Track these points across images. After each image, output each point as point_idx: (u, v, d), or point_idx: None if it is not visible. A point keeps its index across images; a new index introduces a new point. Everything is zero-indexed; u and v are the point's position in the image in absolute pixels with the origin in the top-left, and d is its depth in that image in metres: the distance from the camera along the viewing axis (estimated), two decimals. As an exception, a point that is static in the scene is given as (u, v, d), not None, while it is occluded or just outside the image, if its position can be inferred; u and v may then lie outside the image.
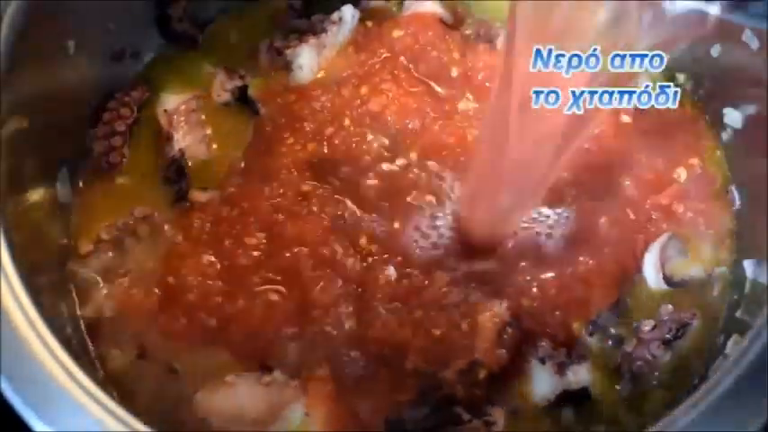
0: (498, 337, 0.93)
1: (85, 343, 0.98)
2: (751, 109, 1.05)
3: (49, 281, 0.97)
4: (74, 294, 1.01)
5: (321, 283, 0.98)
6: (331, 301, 0.97)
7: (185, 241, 1.03)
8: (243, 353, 0.96)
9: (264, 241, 1.02)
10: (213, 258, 1.01)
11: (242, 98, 1.13)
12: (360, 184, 1.06)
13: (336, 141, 1.08)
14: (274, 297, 0.99)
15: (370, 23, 1.18)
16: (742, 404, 0.77)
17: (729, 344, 0.95)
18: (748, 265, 1.00)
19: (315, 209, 1.03)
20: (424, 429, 0.90)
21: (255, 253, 1.01)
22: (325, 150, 1.08)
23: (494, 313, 0.94)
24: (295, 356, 0.96)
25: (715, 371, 0.84)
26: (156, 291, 1.00)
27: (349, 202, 1.04)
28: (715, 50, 1.09)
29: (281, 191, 1.04)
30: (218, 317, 0.98)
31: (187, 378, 0.96)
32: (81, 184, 1.09)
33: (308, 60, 1.15)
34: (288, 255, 1.00)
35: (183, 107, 1.13)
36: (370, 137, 1.09)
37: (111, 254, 1.03)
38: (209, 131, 1.12)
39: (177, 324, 0.98)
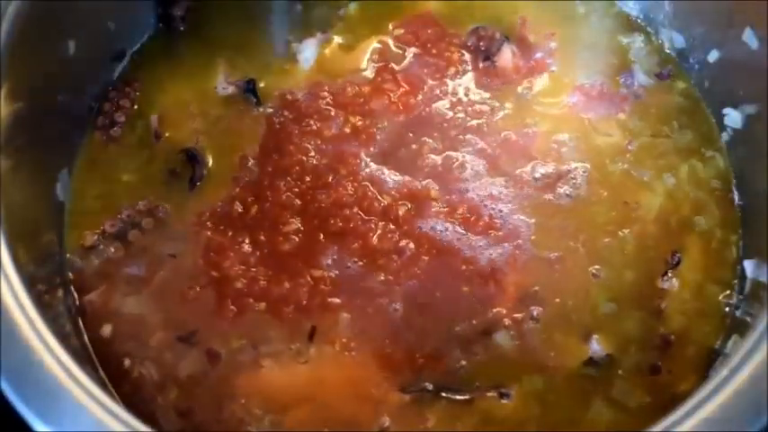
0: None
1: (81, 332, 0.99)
2: (751, 109, 1.05)
3: (49, 279, 0.97)
4: (73, 289, 1.01)
5: (379, 231, 1.03)
6: (392, 245, 1.02)
7: (218, 235, 1.04)
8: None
9: (301, 226, 1.04)
10: (251, 248, 1.03)
11: (249, 91, 1.13)
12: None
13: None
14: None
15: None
16: (742, 404, 0.77)
17: (729, 344, 0.95)
18: (748, 265, 1.00)
19: (344, 172, 1.07)
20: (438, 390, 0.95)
21: (295, 237, 1.03)
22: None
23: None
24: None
25: (715, 371, 0.84)
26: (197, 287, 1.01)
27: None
28: (714, 53, 1.10)
29: (298, 181, 1.07)
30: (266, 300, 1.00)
31: (228, 361, 0.97)
32: (82, 178, 1.09)
33: (311, 54, 1.16)
34: (338, 220, 1.04)
35: (186, 99, 1.14)
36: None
37: (113, 248, 1.04)
38: (212, 124, 1.12)
39: (229, 312, 0.99)
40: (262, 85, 1.14)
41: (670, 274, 1.01)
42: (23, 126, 0.94)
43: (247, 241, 1.03)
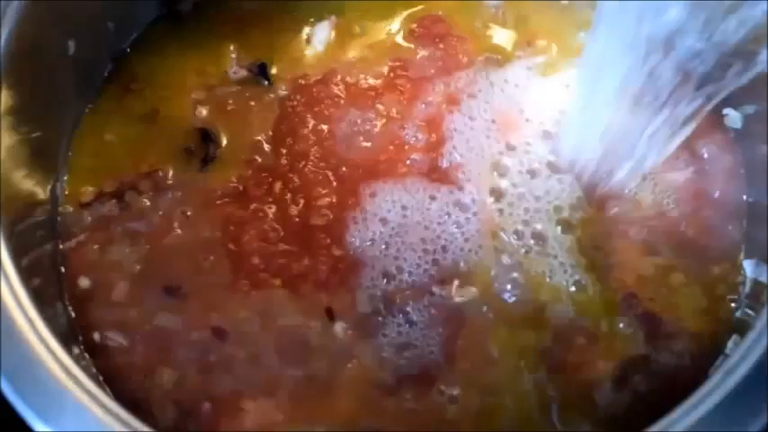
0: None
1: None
2: (751, 109, 1.05)
3: (45, 275, 0.97)
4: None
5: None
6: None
7: (241, 209, 1.04)
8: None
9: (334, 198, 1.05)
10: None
11: (261, 74, 1.13)
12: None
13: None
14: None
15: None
16: (742, 404, 0.77)
17: (729, 344, 0.95)
18: (748, 265, 1.00)
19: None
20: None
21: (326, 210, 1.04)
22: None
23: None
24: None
25: (715, 371, 0.84)
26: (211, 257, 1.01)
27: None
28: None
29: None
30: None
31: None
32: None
33: (324, 36, 1.16)
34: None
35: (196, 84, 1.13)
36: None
37: (110, 206, 1.04)
38: (224, 108, 1.12)
39: (242, 285, 1.00)
40: (274, 69, 1.13)
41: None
42: (23, 126, 0.94)
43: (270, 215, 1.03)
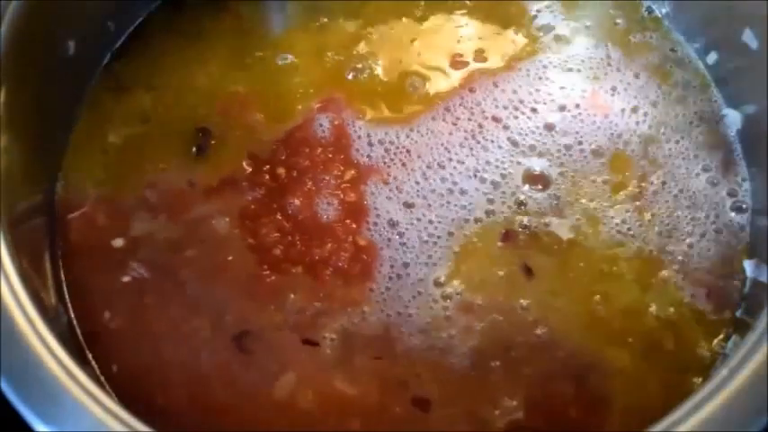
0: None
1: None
2: (751, 109, 1.05)
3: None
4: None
5: None
6: None
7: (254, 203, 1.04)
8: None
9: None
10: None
11: None
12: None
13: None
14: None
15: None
16: (742, 405, 0.77)
17: (729, 344, 0.95)
18: (748, 265, 1.00)
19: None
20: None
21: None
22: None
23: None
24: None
25: (715, 371, 0.84)
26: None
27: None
28: (713, 54, 1.10)
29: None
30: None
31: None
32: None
33: None
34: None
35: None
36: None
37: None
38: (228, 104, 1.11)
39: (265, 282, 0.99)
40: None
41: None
42: (22, 127, 0.94)
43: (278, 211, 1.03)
